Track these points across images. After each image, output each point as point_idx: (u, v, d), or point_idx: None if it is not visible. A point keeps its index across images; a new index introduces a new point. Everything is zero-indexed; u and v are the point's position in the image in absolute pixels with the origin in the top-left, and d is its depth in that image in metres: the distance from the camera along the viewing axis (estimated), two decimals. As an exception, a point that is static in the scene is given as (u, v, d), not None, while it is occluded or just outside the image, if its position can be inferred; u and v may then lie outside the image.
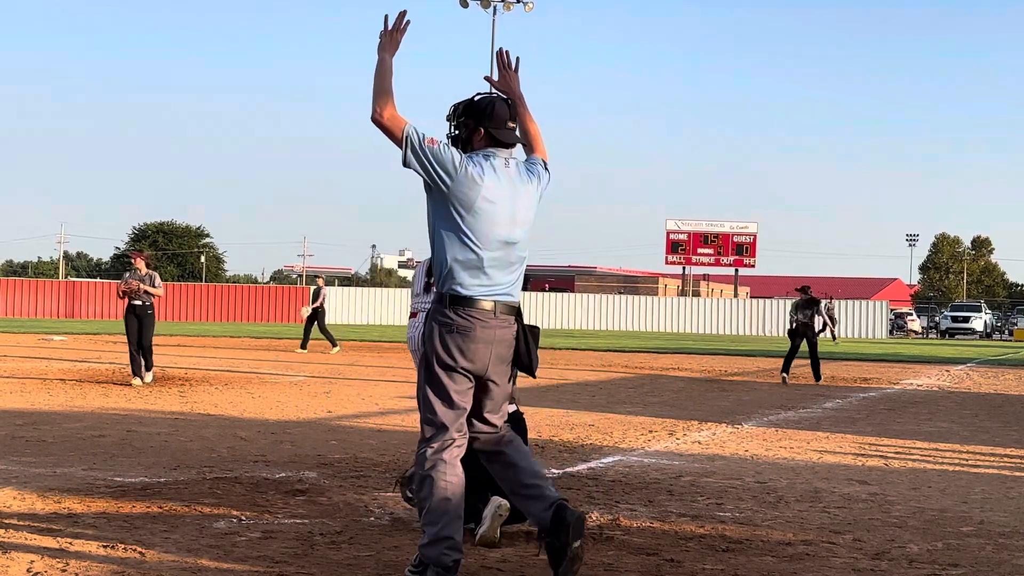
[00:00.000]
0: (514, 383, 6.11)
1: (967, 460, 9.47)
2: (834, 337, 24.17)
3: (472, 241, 4.63)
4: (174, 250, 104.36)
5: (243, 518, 6.14)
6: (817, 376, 18.65)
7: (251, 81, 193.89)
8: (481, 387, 4.77)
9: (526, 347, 4.81)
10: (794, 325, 18.72)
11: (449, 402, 4.69)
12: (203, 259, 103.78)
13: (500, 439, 4.89)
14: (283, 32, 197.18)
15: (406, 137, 4.65)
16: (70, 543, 5.42)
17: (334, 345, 25.03)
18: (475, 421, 4.83)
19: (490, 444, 4.89)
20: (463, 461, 4.78)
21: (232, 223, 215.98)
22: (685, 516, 6.56)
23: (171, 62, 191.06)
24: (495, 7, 44.03)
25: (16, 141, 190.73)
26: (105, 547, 5.36)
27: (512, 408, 6.08)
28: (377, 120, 4.67)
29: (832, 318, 41.40)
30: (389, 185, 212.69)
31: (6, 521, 5.86)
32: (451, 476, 4.67)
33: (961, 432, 11.67)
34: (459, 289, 4.64)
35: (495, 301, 4.67)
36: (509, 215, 4.69)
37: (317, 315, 25.41)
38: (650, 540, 5.87)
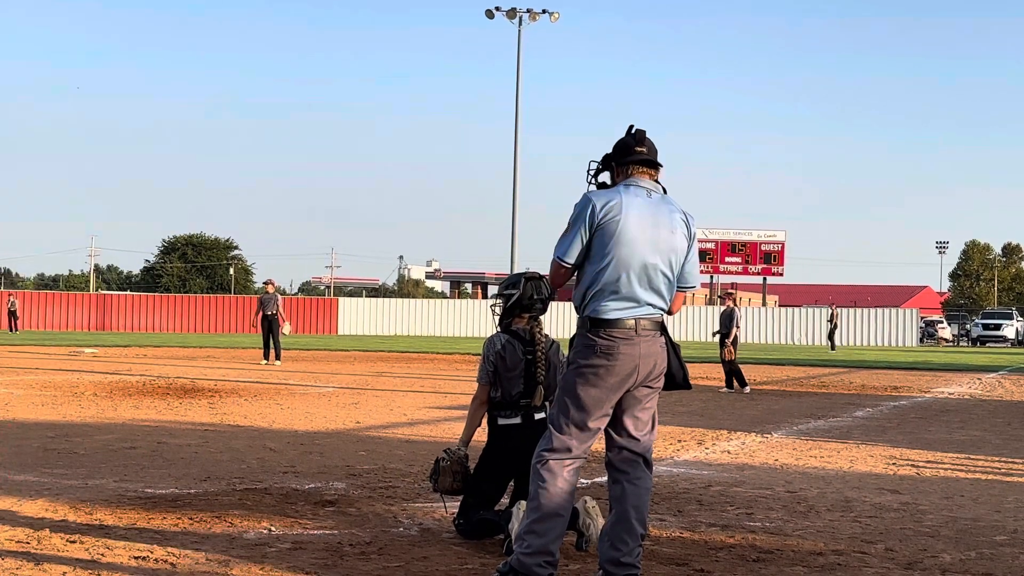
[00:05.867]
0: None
1: (1000, 469, 9.39)
2: (833, 346, 23.94)
3: (613, 265, 4.78)
4: (203, 262, 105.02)
5: (273, 529, 6.16)
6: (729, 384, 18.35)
7: (279, 93, 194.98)
8: (627, 403, 4.87)
9: (678, 362, 4.98)
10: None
11: (584, 423, 4.83)
12: (232, 271, 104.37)
13: (636, 466, 4.93)
14: (312, 45, 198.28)
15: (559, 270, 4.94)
16: (102, 555, 5.46)
17: (268, 358, 24.48)
18: (620, 436, 4.93)
19: (625, 465, 4.95)
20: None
21: (260, 235, 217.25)
22: (715, 526, 6.53)
23: (199, 75, 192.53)
24: (521, 18, 44.10)
25: (47, 155, 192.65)
26: (136, 558, 5.40)
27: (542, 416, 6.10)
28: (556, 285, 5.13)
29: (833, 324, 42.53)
30: (416, 196, 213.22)
31: (39, 533, 5.90)
32: (566, 492, 4.84)
33: (993, 441, 11.56)
34: (601, 312, 4.80)
35: (636, 319, 4.81)
36: (650, 239, 4.81)
37: (271, 323, 24.70)
38: (680, 550, 5.85)
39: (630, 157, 4.96)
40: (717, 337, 18.99)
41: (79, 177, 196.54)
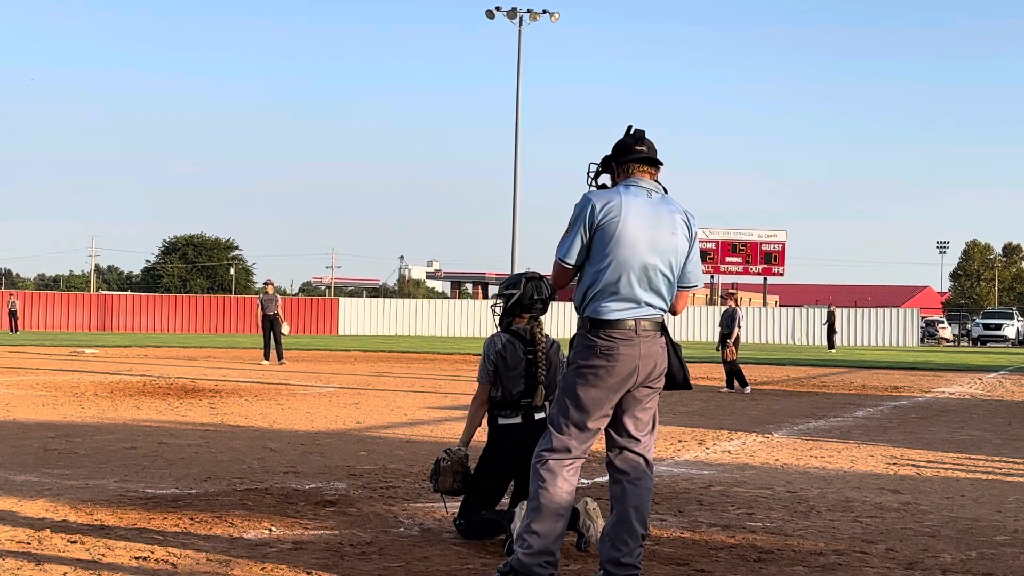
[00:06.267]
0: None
1: (1000, 469, 9.39)
2: (832, 345, 23.93)
3: (612, 266, 4.79)
4: (203, 263, 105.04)
5: (273, 529, 6.17)
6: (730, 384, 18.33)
7: (279, 93, 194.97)
8: (627, 403, 4.88)
9: (679, 362, 4.99)
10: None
11: (583, 423, 4.84)
12: (232, 271, 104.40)
13: (637, 467, 4.94)
14: (312, 45, 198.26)
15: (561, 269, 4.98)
16: (103, 555, 5.46)
17: (269, 358, 24.60)
18: (620, 436, 4.95)
19: (626, 465, 4.95)
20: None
21: (260, 235, 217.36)
22: (716, 526, 6.53)
23: (200, 76, 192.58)
24: (521, 18, 44.14)
25: (48, 156, 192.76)
26: (137, 559, 5.40)
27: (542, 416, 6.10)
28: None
29: (832, 326, 42.77)
30: (416, 196, 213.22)
31: (39, 533, 5.90)
32: (566, 492, 4.85)
33: (994, 441, 11.56)
34: (601, 313, 4.80)
35: (636, 320, 4.81)
36: (650, 240, 4.81)
37: (272, 323, 24.75)
38: (680, 550, 5.85)
39: (629, 156, 4.96)
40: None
41: (79, 177, 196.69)
